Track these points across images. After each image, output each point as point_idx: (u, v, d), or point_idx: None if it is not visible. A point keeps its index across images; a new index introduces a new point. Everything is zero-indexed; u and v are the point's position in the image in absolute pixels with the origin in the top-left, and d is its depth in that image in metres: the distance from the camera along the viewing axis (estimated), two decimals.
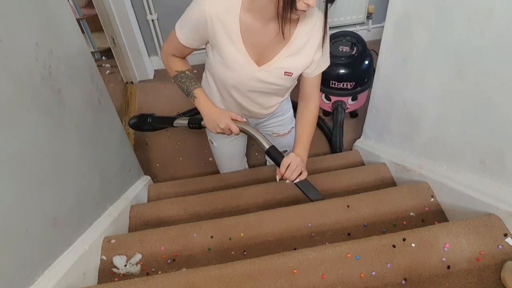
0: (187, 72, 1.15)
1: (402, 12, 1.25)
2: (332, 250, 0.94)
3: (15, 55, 0.80)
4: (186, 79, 1.15)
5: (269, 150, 1.15)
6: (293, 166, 1.10)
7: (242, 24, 0.97)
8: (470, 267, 0.90)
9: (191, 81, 1.15)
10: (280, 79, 1.09)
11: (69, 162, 1.02)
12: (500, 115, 0.91)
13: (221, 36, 0.99)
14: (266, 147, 1.16)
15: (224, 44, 1.00)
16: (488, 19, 0.87)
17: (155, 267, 1.08)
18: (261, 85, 1.10)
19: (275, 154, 1.15)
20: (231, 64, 1.04)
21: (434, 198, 1.20)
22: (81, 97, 1.12)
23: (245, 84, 1.10)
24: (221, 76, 1.10)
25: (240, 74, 1.06)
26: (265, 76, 1.07)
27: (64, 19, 1.06)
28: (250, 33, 0.99)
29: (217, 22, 0.96)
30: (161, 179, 2.05)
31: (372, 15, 2.80)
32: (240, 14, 0.96)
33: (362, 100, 2.18)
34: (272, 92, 1.17)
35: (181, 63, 1.16)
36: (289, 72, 1.07)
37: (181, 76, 1.15)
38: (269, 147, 1.15)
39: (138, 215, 1.38)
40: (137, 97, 2.67)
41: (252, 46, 1.01)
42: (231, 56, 1.02)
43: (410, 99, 1.31)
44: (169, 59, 1.15)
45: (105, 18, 2.37)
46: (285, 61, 1.05)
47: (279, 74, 1.07)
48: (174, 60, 1.15)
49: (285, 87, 1.14)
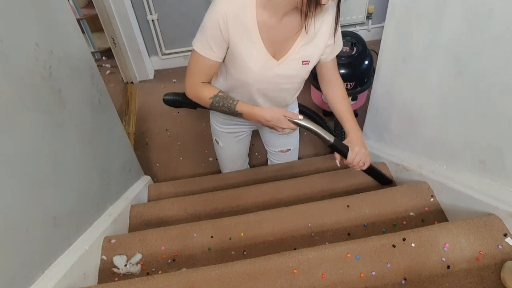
0: (219, 93, 1.10)
1: (402, 12, 1.25)
2: (332, 250, 0.94)
3: (15, 55, 0.80)
4: (222, 101, 1.10)
5: (333, 144, 1.13)
6: (357, 159, 1.12)
7: (259, 22, 0.96)
8: (470, 267, 0.91)
9: (228, 100, 1.11)
10: (298, 70, 1.09)
11: (69, 162, 1.02)
12: (500, 115, 0.91)
13: (239, 37, 0.97)
14: (331, 141, 1.12)
15: (241, 45, 0.98)
16: (488, 19, 0.87)
17: (155, 267, 1.08)
18: (280, 79, 1.09)
19: (340, 147, 1.14)
20: (249, 63, 1.02)
21: (434, 198, 1.20)
22: (81, 97, 1.12)
23: (265, 82, 1.09)
24: (238, 76, 1.08)
25: (261, 72, 1.05)
26: (284, 70, 1.06)
27: (64, 19, 1.06)
28: (267, 29, 0.98)
29: (236, 22, 0.94)
30: (161, 179, 2.05)
31: (372, 15, 2.80)
32: (256, 11, 0.95)
33: (362, 100, 2.18)
34: (289, 85, 1.16)
35: (210, 89, 1.11)
36: (306, 61, 1.07)
37: (216, 100, 1.10)
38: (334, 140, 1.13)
39: (138, 215, 1.38)
40: (137, 97, 2.67)
41: (269, 43, 1.01)
42: (249, 55, 1.01)
43: (410, 99, 1.31)
44: (198, 90, 1.11)
45: (105, 18, 2.37)
46: (301, 50, 1.04)
47: (297, 65, 1.07)
48: (202, 89, 1.10)
49: (302, 78, 1.15)
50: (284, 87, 1.15)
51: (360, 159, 1.11)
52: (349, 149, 1.12)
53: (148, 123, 2.45)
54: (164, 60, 2.84)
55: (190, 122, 2.41)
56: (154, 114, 2.51)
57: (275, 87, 1.13)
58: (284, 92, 1.19)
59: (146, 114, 2.53)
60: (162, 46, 2.75)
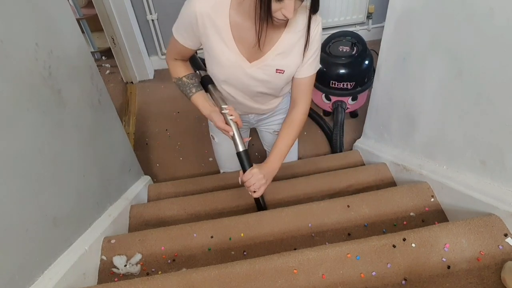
0: (183, 78, 1.16)
1: (402, 12, 1.25)
2: (332, 250, 0.94)
3: (15, 55, 0.80)
4: (182, 86, 1.17)
5: (239, 153, 1.12)
6: (251, 181, 1.08)
7: (232, 22, 0.98)
8: (470, 267, 0.90)
9: (186, 88, 1.16)
10: (272, 77, 1.08)
11: (69, 162, 1.02)
12: (500, 115, 0.91)
13: (211, 35, 1.00)
14: (239, 150, 1.11)
15: (214, 42, 1.01)
16: (488, 19, 0.87)
17: (155, 267, 1.08)
18: (253, 82, 1.10)
19: (244, 159, 1.12)
20: (222, 61, 1.05)
21: (434, 198, 1.20)
22: (81, 97, 1.12)
23: (237, 80, 1.10)
24: (213, 72, 1.12)
25: (231, 70, 1.07)
26: (256, 73, 1.07)
27: (64, 19, 1.06)
28: (240, 31, 1.00)
29: (207, 21, 0.97)
30: (161, 179, 2.05)
31: (372, 15, 2.80)
32: (229, 12, 0.97)
33: (362, 100, 2.18)
34: (267, 92, 1.16)
35: (182, 68, 1.17)
36: (281, 70, 1.06)
37: (178, 84, 1.17)
38: (242, 151, 1.11)
39: (138, 215, 1.38)
40: (137, 97, 2.67)
41: (243, 44, 1.02)
42: (221, 53, 1.03)
43: (410, 99, 1.31)
44: (171, 63, 1.17)
45: (105, 18, 2.37)
46: (276, 59, 1.05)
47: (271, 71, 1.07)
48: (175, 65, 1.17)
49: (278, 85, 1.13)
50: (258, 90, 1.14)
51: (254, 183, 1.07)
52: (250, 169, 1.10)
53: (148, 123, 2.45)
54: (164, 60, 2.83)
55: (190, 122, 2.41)
56: (154, 114, 2.51)
57: (246, 88, 1.13)
58: (262, 96, 1.18)
59: (146, 114, 2.53)
60: (162, 46, 2.75)
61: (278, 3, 0.84)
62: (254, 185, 1.07)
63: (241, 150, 1.11)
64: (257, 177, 1.08)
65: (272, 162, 1.14)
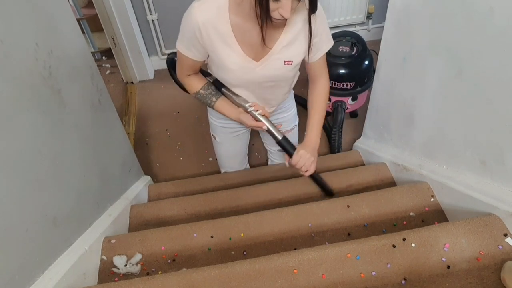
0: (201, 91, 1.17)
1: (402, 12, 1.25)
2: (332, 250, 0.94)
3: (15, 55, 0.80)
4: (202, 99, 1.19)
5: (281, 141, 1.17)
6: (301, 162, 1.14)
7: (233, 26, 0.99)
8: (470, 267, 0.90)
9: (206, 99, 1.18)
10: (280, 70, 1.09)
11: (69, 162, 1.02)
12: (500, 115, 0.91)
13: (216, 42, 1.00)
14: (279, 138, 1.16)
15: (220, 48, 1.01)
16: (488, 19, 0.87)
17: (155, 267, 1.08)
18: (263, 79, 1.11)
19: (287, 146, 1.17)
20: (229, 65, 1.05)
21: (434, 198, 1.20)
22: (81, 97, 1.12)
23: (248, 81, 1.11)
24: (223, 79, 1.12)
25: (241, 73, 1.07)
26: (265, 70, 1.07)
27: (64, 19, 1.06)
28: (242, 33, 1.00)
29: (210, 29, 0.97)
30: (161, 179, 2.05)
31: (372, 15, 2.80)
32: (229, 16, 0.97)
33: (362, 100, 2.18)
34: (275, 85, 1.17)
35: (195, 81, 1.17)
36: (289, 61, 1.07)
37: (198, 97, 1.19)
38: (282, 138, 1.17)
39: (138, 215, 1.38)
40: (137, 97, 2.67)
41: (247, 45, 1.02)
42: (228, 58, 1.03)
43: (410, 99, 1.31)
44: (185, 81, 1.18)
45: (105, 18, 2.37)
46: (282, 51, 1.05)
47: (279, 64, 1.07)
48: (189, 81, 1.17)
49: (287, 77, 1.14)
50: (269, 86, 1.15)
51: (304, 163, 1.14)
52: (296, 151, 1.15)
53: (148, 123, 2.45)
54: (164, 60, 2.82)
55: (190, 122, 2.41)
56: (154, 114, 2.51)
57: (258, 86, 1.14)
58: (271, 92, 1.20)
59: (146, 114, 2.53)
60: (162, 46, 2.75)
61: (276, 3, 0.85)
62: (305, 165, 1.14)
63: (280, 138, 1.16)
64: (305, 157, 1.14)
65: (313, 138, 1.19)
